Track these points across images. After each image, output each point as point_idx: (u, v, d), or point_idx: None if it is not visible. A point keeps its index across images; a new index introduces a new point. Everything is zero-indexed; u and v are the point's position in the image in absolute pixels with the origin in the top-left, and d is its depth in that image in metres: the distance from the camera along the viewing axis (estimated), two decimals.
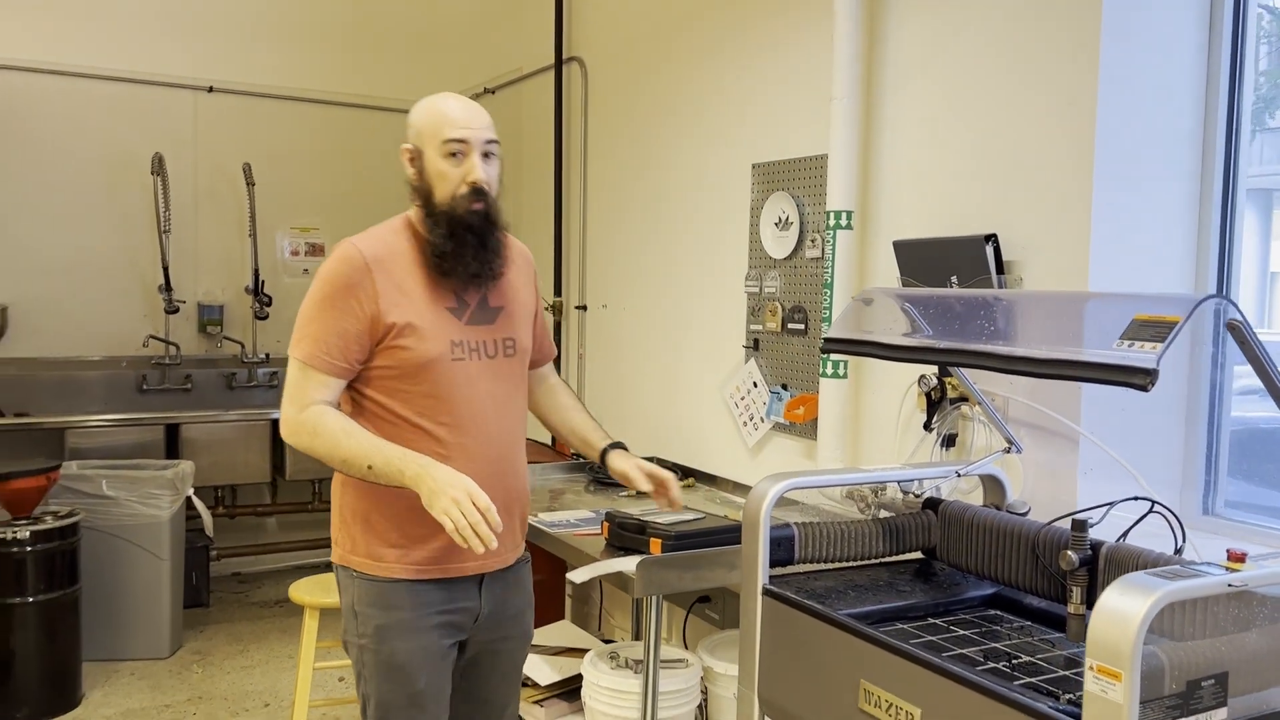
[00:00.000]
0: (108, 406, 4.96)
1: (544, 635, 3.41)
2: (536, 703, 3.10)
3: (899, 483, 2.19)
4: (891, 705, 1.66)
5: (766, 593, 1.97)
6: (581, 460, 3.99)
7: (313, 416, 1.96)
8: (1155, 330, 1.42)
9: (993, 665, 1.73)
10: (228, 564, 5.35)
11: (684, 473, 3.50)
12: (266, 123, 5.38)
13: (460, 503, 1.83)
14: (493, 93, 5.09)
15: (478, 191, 2.01)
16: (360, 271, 1.99)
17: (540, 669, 3.16)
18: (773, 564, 2.01)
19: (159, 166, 5.00)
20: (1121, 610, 1.30)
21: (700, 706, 2.80)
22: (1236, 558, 1.41)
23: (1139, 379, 1.39)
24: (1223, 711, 1.39)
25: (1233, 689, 1.41)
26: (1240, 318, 1.46)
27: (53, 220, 4.98)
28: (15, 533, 3.61)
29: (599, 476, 3.53)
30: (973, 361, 1.64)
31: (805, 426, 3.00)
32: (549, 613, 3.83)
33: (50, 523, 3.72)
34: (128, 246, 5.16)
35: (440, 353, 2.02)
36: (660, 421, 3.82)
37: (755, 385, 3.25)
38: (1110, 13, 2.21)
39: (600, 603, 4.03)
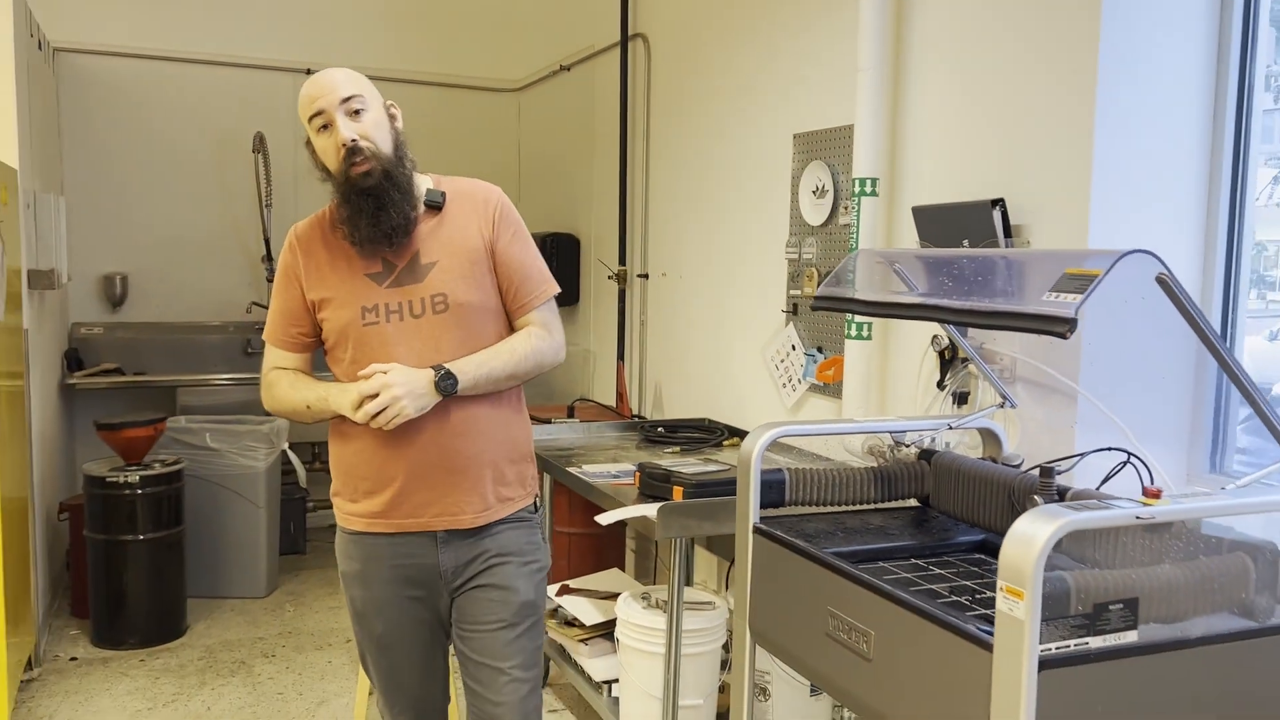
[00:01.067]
0: (215, 367, 5.37)
1: (594, 581, 3.63)
2: (581, 641, 3.32)
3: (890, 434, 2.32)
4: (852, 629, 1.82)
5: (756, 530, 2.13)
6: (637, 419, 4.19)
7: (270, 380, 2.15)
8: (1079, 283, 1.53)
9: (955, 599, 1.86)
10: (324, 515, 5.74)
11: (729, 431, 3.67)
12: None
13: (370, 405, 1.96)
14: (568, 69, 5.29)
15: (353, 151, 1.98)
16: (292, 253, 2.13)
17: (587, 611, 3.38)
18: (765, 505, 2.17)
19: (260, 145, 5.37)
20: (1027, 535, 1.43)
21: (725, 645, 2.98)
22: (1152, 494, 1.52)
23: (1059, 327, 1.51)
24: (1132, 634, 1.51)
25: (1144, 615, 1.52)
26: (1167, 271, 1.55)
27: (165, 196, 5.41)
28: (126, 477, 4.01)
29: (650, 435, 3.73)
30: (929, 315, 1.77)
31: (835, 387, 3.13)
32: (609, 562, 4.05)
33: (158, 469, 4.11)
34: (232, 220, 5.56)
35: (350, 319, 2.06)
36: (710, 383, 3.98)
37: (794, 348, 3.39)
38: None
39: (655, 554, 4.24)
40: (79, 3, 5.16)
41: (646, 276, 4.50)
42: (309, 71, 5.69)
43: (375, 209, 2.00)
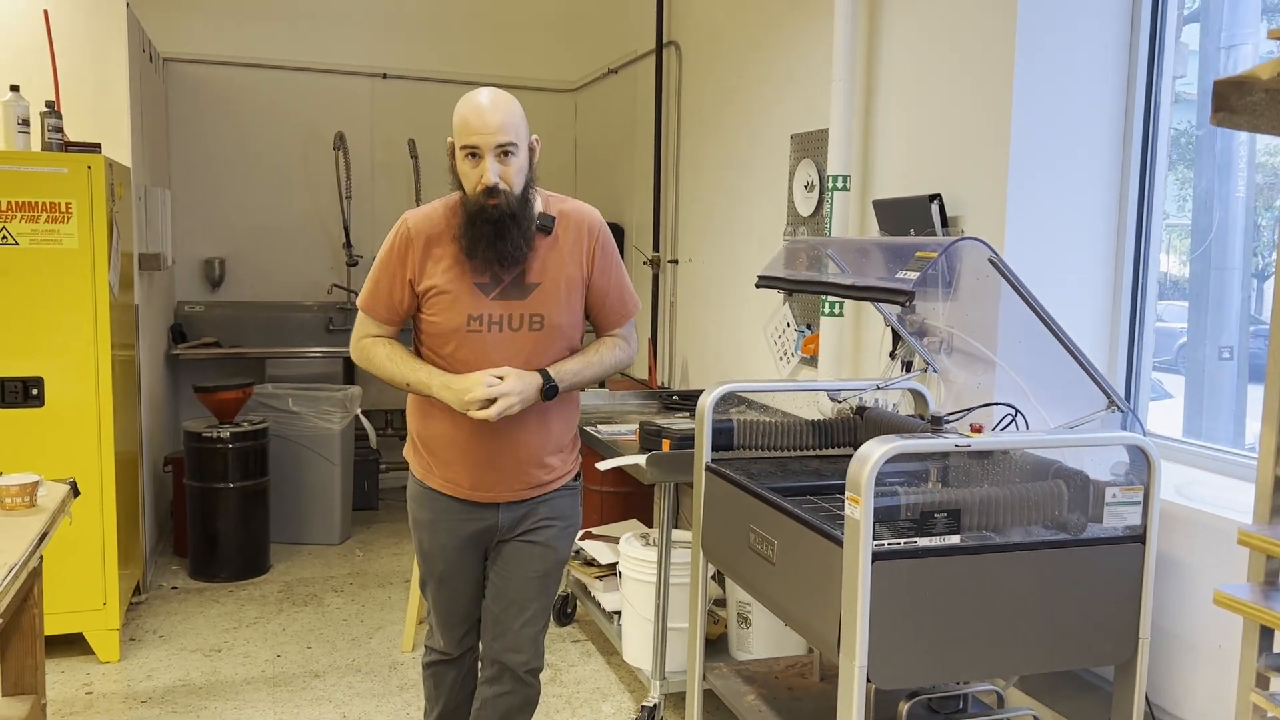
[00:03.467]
0: (300, 341, 6.01)
1: (614, 529, 4.12)
2: (597, 578, 3.82)
3: (828, 392, 2.75)
4: (763, 539, 2.27)
5: (708, 469, 2.59)
6: (660, 389, 4.66)
7: (365, 347, 2.40)
8: (922, 263, 1.95)
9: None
10: (396, 477, 6.35)
11: (738, 400, 4.12)
12: (430, 104, 6.28)
13: (477, 400, 2.23)
14: (615, 72, 5.77)
15: (490, 191, 2.21)
16: (407, 242, 2.32)
17: (603, 552, 3.88)
18: (717, 449, 2.62)
19: (341, 142, 5.98)
20: (864, 455, 1.86)
21: (713, 577, 3.43)
22: (976, 429, 1.94)
23: (901, 298, 1.93)
24: (956, 538, 1.93)
25: (967, 524, 1.94)
26: (994, 255, 1.96)
27: (256, 188, 6.07)
28: (219, 433, 4.65)
29: (667, 403, 4.20)
30: (824, 289, 2.20)
31: (816, 359, 3.55)
32: (632, 514, 4.54)
33: (246, 427, 4.74)
34: (316, 210, 6.20)
35: (457, 325, 2.30)
36: (725, 357, 4.43)
37: (788, 325, 3.82)
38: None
39: (668, 507, 4.70)
40: (183, 17, 5.83)
41: (676, 262, 4.96)
42: (385, 76, 6.34)
43: (495, 236, 2.22)
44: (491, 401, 2.22)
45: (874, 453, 1.84)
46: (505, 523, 2.46)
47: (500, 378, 2.24)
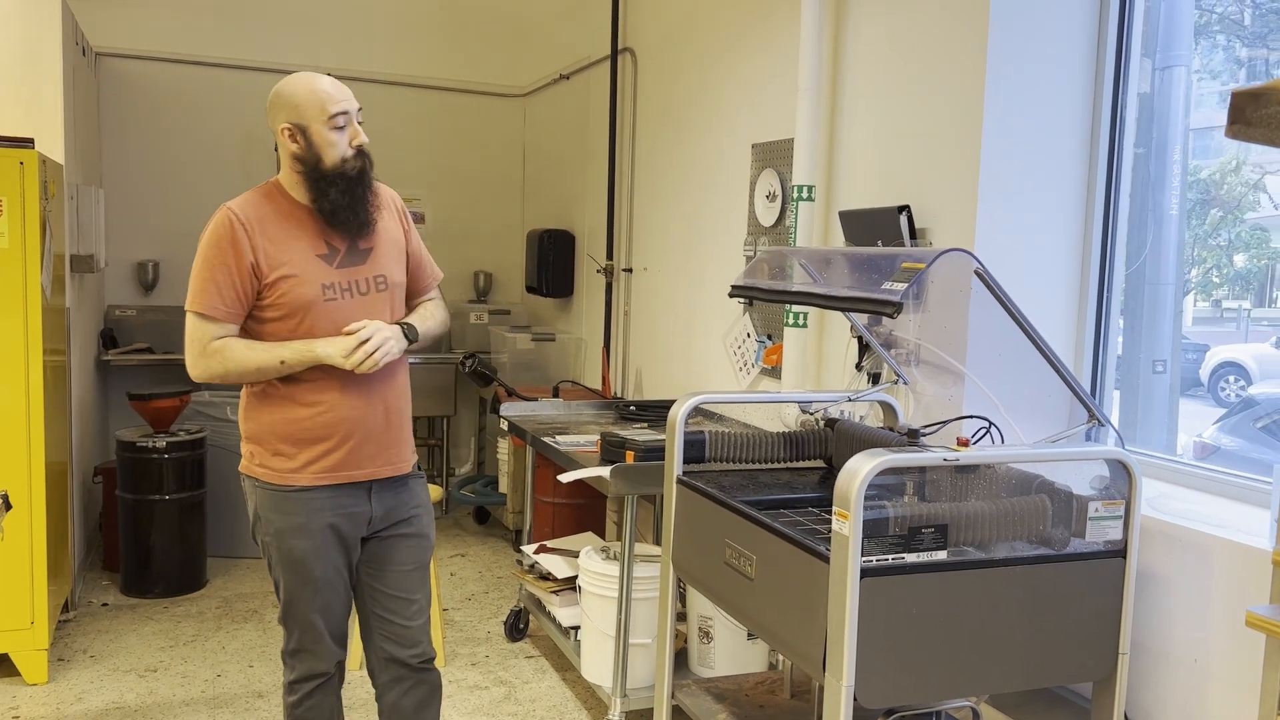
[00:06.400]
0: None
1: (568, 542, 4.04)
2: (553, 592, 3.73)
3: (798, 404, 2.71)
4: (740, 555, 2.21)
5: (679, 481, 2.53)
6: (615, 399, 4.59)
7: (218, 348, 2.30)
8: (909, 274, 1.92)
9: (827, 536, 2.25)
10: None
11: (695, 411, 4.07)
12: (376, 105, 6.13)
13: (364, 349, 2.29)
14: (567, 78, 5.70)
15: (362, 153, 2.35)
16: (237, 229, 2.30)
17: (559, 566, 3.79)
18: (689, 461, 2.57)
19: None
20: (852, 470, 1.82)
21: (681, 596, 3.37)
22: (963, 443, 1.91)
23: (888, 309, 1.90)
24: (942, 553, 1.90)
25: (954, 539, 1.91)
26: (981, 267, 1.94)
27: (194, 189, 5.87)
28: (155, 443, 4.46)
29: (624, 413, 4.13)
30: (804, 300, 2.16)
31: (779, 369, 3.52)
32: (585, 527, 4.46)
33: (182, 437, 4.56)
34: None
35: (314, 296, 2.32)
36: (681, 367, 4.39)
37: (749, 336, 3.78)
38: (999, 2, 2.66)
39: (632, 521, 4.63)
40: (119, 11, 5.62)
41: (631, 270, 4.90)
42: (329, 76, 6.17)
43: (364, 197, 2.36)
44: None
45: (863, 467, 1.80)
46: (377, 512, 2.46)
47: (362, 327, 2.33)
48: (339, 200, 2.34)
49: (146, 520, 4.49)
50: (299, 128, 2.32)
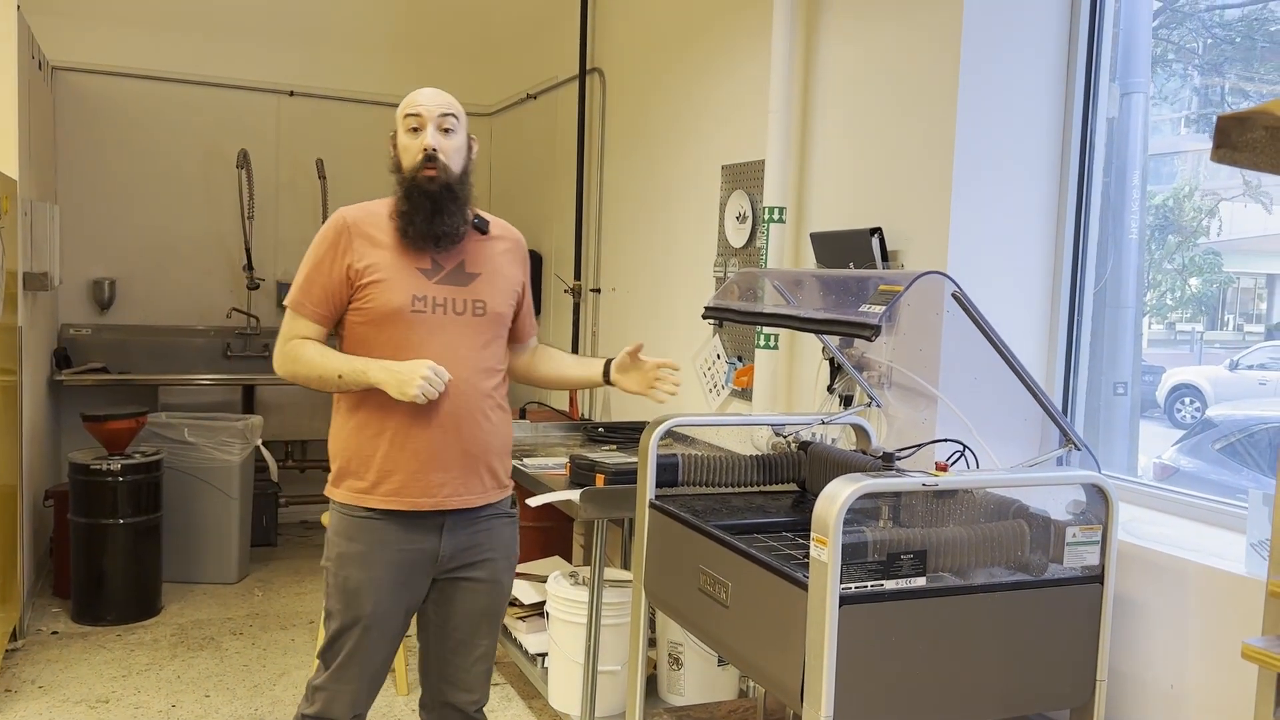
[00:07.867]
0: (195, 368, 5.70)
1: (536, 567, 3.98)
2: (520, 619, 3.67)
3: (771, 427, 2.68)
4: (715, 581, 2.17)
5: (651, 505, 2.49)
6: (583, 421, 4.54)
7: (294, 348, 2.28)
8: (886, 296, 1.90)
9: (802, 560, 2.22)
10: (297, 511, 6.06)
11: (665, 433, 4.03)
12: (339, 123, 6.08)
13: (429, 380, 2.15)
14: (535, 98, 5.67)
15: (430, 157, 2.23)
16: (340, 231, 2.28)
17: (526, 592, 3.73)
18: (661, 485, 2.53)
19: (244, 161, 5.73)
20: (831, 495, 1.79)
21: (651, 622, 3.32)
22: (941, 468, 1.89)
23: (866, 331, 1.87)
24: (921, 579, 1.87)
25: (933, 565, 1.88)
26: (958, 289, 1.92)
27: (153, 207, 5.77)
28: (109, 465, 4.34)
29: (591, 435, 4.08)
30: (780, 322, 2.14)
31: (749, 391, 3.49)
32: (551, 550, 4.39)
33: (138, 459, 4.44)
34: (216, 230, 5.91)
35: (402, 303, 2.24)
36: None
37: (719, 357, 3.76)
38: (970, 27, 2.67)
39: (601, 545, 4.57)
40: (76, 25, 5.52)
41: (599, 291, 4.86)
42: (292, 93, 6.11)
43: (432, 211, 2.24)
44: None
45: (842, 492, 1.77)
46: (446, 550, 2.32)
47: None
48: (401, 205, 2.27)
49: (99, 545, 4.36)
50: (393, 134, 2.34)
